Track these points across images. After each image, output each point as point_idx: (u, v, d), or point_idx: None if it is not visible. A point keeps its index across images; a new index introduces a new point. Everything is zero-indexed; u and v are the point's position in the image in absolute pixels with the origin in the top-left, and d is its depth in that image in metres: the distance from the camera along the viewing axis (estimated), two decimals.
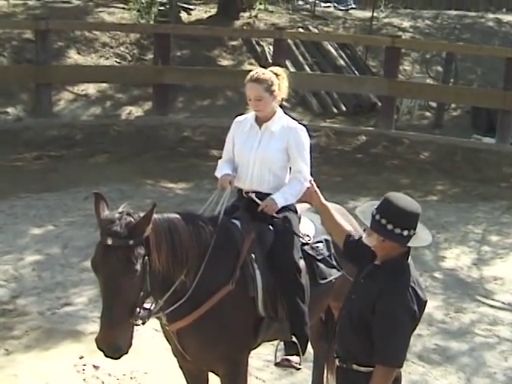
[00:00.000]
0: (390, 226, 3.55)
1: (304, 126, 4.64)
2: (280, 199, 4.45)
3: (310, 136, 4.63)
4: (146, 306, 4.05)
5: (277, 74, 4.55)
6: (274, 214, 4.44)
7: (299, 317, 4.38)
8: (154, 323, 4.20)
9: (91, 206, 8.58)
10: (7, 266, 7.42)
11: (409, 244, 3.59)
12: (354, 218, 4.97)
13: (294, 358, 4.38)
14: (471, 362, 6.14)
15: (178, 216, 4.18)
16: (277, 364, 4.47)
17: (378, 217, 3.59)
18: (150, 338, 5.79)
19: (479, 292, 7.42)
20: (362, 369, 3.70)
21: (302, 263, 4.43)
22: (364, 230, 3.83)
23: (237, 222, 4.41)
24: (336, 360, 3.86)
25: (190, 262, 4.12)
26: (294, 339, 4.37)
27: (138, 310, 3.88)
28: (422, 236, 3.64)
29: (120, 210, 3.92)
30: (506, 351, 6.33)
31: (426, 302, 3.68)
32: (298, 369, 4.48)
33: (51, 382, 5.51)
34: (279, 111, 4.60)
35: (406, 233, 3.56)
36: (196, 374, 4.55)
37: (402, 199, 3.62)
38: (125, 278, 3.75)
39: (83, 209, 8.85)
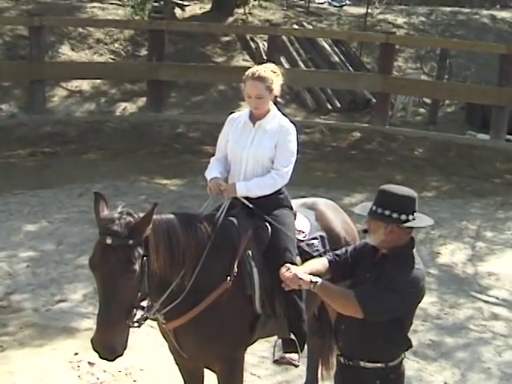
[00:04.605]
0: (392, 214, 3.65)
1: (294, 124, 4.62)
2: (242, 188, 4.41)
3: (304, 133, 4.61)
4: (143, 304, 4.04)
5: (273, 72, 4.52)
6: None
7: (297, 314, 4.36)
8: (148, 320, 4.18)
9: (86, 202, 8.51)
10: (1, 262, 7.39)
11: (412, 225, 3.70)
12: (348, 215, 5.00)
13: (293, 356, 4.35)
14: (466, 358, 6.14)
15: (176, 217, 4.14)
16: (275, 361, 4.44)
17: (378, 209, 3.67)
18: (145, 335, 5.77)
19: (474, 288, 7.42)
20: (369, 365, 3.73)
21: (298, 260, 4.39)
22: (365, 232, 3.87)
23: (233, 220, 4.38)
24: (340, 358, 3.85)
25: (187, 263, 4.09)
26: (292, 337, 4.35)
27: (134, 311, 3.85)
28: (423, 219, 3.81)
29: (119, 209, 3.88)
30: (500, 346, 6.33)
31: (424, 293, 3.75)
32: (297, 366, 4.46)
33: (46, 379, 5.49)
34: (273, 109, 4.57)
35: (405, 217, 3.68)
36: (192, 371, 4.53)
37: (396, 188, 3.76)
38: (123, 278, 3.72)
39: (78, 205, 8.85)
